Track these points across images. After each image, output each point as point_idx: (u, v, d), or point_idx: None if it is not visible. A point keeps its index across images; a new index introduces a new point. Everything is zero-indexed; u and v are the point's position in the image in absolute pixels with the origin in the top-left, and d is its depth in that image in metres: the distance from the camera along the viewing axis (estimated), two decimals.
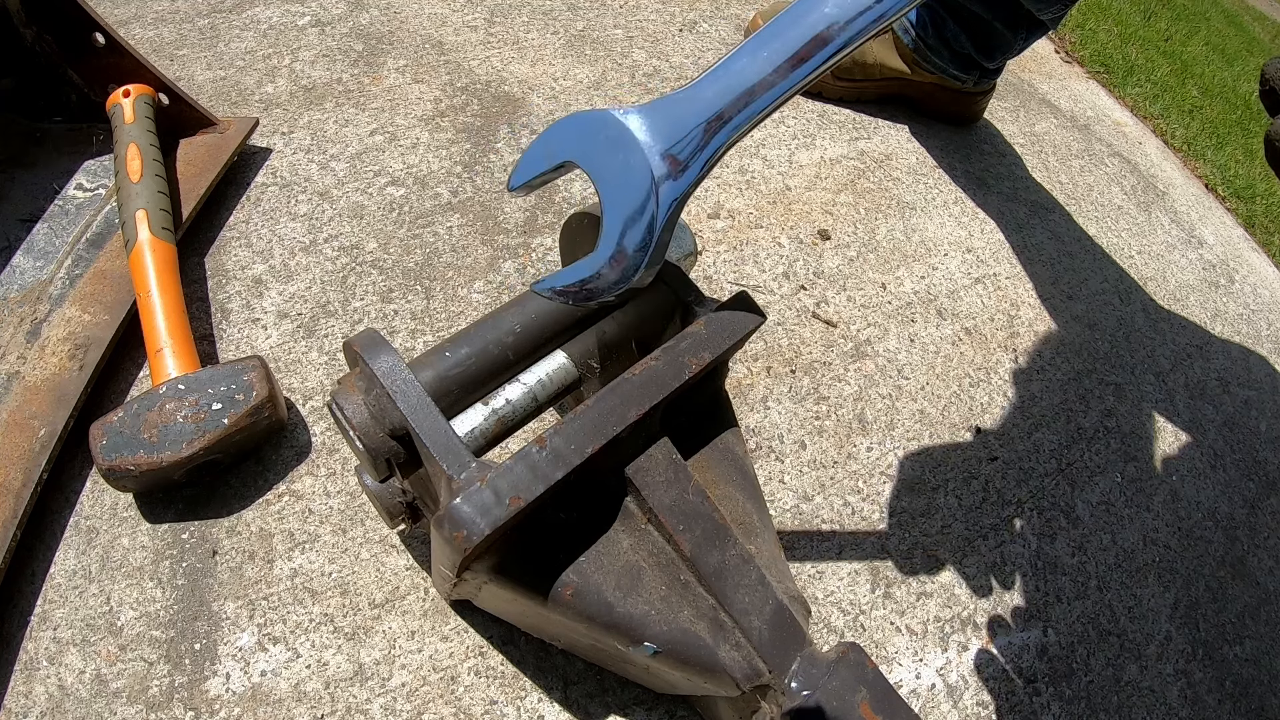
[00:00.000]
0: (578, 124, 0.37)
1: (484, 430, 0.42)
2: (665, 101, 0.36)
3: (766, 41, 0.35)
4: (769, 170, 0.85)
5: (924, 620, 0.56)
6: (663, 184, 0.36)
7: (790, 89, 0.35)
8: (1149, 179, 1.14)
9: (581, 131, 0.37)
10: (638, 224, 0.36)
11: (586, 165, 0.37)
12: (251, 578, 0.48)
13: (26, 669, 0.43)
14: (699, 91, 0.36)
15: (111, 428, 0.46)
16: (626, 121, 0.36)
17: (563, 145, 0.37)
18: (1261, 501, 0.78)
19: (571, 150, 0.37)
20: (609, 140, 0.36)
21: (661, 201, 0.36)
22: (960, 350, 0.75)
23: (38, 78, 0.63)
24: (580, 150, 0.37)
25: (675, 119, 0.36)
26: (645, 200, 0.36)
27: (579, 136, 0.37)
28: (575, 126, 0.37)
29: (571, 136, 0.37)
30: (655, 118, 0.36)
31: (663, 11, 1.04)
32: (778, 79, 0.35)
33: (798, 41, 0.35)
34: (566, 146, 0.37)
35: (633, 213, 0.36)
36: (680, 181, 0.36)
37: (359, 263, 0.65)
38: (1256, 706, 0.63)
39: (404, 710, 0.45)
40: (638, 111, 0.36)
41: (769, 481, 0.60)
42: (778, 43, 0.35)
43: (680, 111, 0.36)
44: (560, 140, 0.37)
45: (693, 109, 0.36)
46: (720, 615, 0.38)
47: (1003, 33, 0.88)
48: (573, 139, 0.37)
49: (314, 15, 0.89)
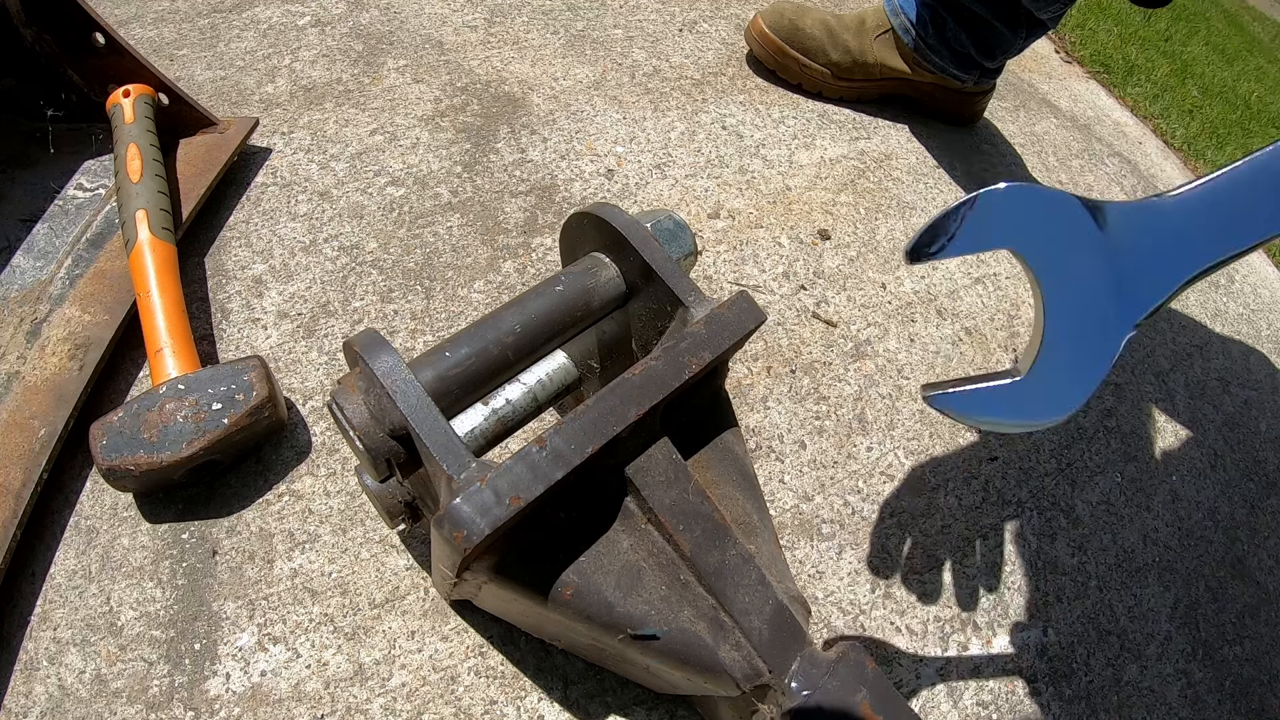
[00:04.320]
0: (1031, 202, 0.29)
1: (484, 430, 0.42)
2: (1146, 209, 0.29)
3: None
4: (769, 170, 0.85)
5: (924, 620, 0.56)
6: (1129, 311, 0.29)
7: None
8: (1149, 179, 1.13)
9: (1035, 214, 0.29)
10: (1088, 356, 0.29)
11: (1034, 262, 0.29)
12: (251, 578, 0.48)
13: (26, 669, 0.43)
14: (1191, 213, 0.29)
15: (111, 428, 0.46)
16: (1102, 221, 0.29)
17: (1005, 224, 0.29)
18: (1261, 501, 0.77)
19: (1016, 236, 0.29)
20: (1074, 240, 0.29)
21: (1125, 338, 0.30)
22: (960, 350, 0.75)
23: (38, 78, 0.63)
24: (1028, 239, 0.29)
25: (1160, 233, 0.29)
26: (1106, 329, 0.29)
27: (1030, 219, 0.29)
28: (1027, 204, 0.29)
29: (1019, 216, 0.29)
30: (1135, 226, 0.29)
31: (663, 11, 1.04)
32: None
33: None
34: (1010, 228, 0.29)
35: (1085, 341, 0.29)
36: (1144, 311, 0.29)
37: (359, 263, 0.65)
38: (1256, 706, 0.63)
39: (404, 710, 0.45)
40: (1114, 210, 0.29)
41: (769, 481, 0.60)
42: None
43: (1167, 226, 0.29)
44: (1004, 216, 0.29)
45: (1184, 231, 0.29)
46: (720, 615, 0.38)
47: (1002, 32, 0.88)
48: (1020, 220, 0.29)
49: (314, 15, 0.89)
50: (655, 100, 0.89)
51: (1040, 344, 0.29)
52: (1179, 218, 0.29)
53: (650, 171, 0.80)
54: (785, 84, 0.98)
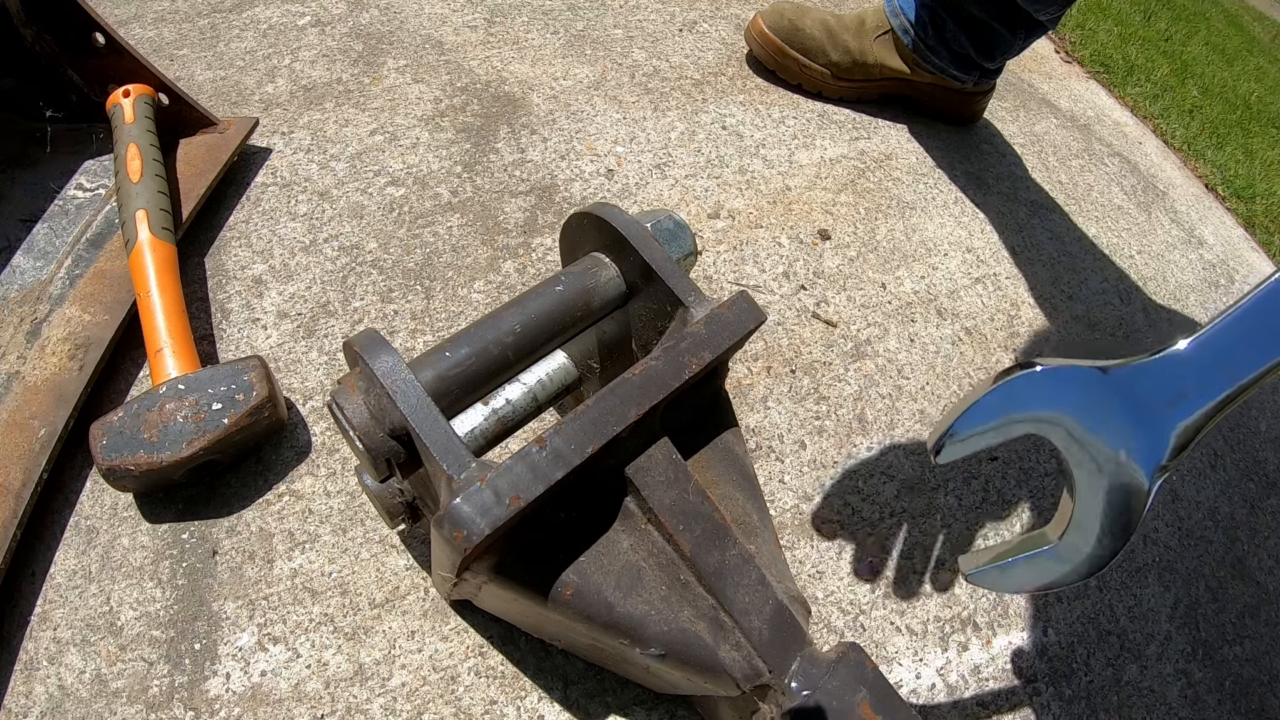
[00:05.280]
0: (1053, 382, 0.30)
1: (484, 430, 0.42)
2: (1156, 367, 0.31)
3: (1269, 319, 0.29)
4: (769, 170, 0.85)
5: (924, 620, 0.56)
6: (1157, 463, 0.30)
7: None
8: (1149, 179, 1.14)
9: (1059, 391, 0.30)
10: (1120, 512, 0.30)
11: (1057, 439, 0.31)
12: (251, 578, 0.48)
13: (26, 669, 0.43)
14: (1192, 363, 0.30)
15: (111, 428, 0.46)
16: (1120, 384, 0.30)
17: (1033, 404, 0.30)
18: (1261, 501, 0.77)
19: (1043, 413, 0.30)
20: (1087, 406, 0.30)
21: (1154, 484, 0.30)
22: (960, 350, 0.75)
23: (38, 78, 0.63)
24: (1053, 415, 0.30)
25: (1173, 389, 0.30)
26: (1138, 484, 0.30)
27: (1055, 397, 0.30)
28: (1050, 384, 0.30)
29: (1044, 396, 0.30)
30: (1148, 382, 0.30)
31: (663, 11, 1.04)
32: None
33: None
34: (1038, 406, 0.30)
35: (1120, 498, 0.30)
36: (1169, 455, 0.30)
37: (359, 263, 0.65)
38: (1256, 706, 0.63)
39: (404, 710, 0.45)
40: (1127, 373, 0.31)
41: (769, 481, 0.60)
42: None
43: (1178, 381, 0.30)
44: (1031, 398, 0.30)
45: (1193, 384, 0.30)
46: (720, 615, 0.38)
47: (1001, 33, 0.88)
48: (1046, 399, 0.30)
49: (314, 15, 0.89)
50: (655, 100, 0.89)
51: (1072, 512, 0.30)
52: (1181, 366, 0.30)
53: (650, 171, 0.80)
54: (785, 84, 0.98)
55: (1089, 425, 0.30)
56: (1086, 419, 0.30)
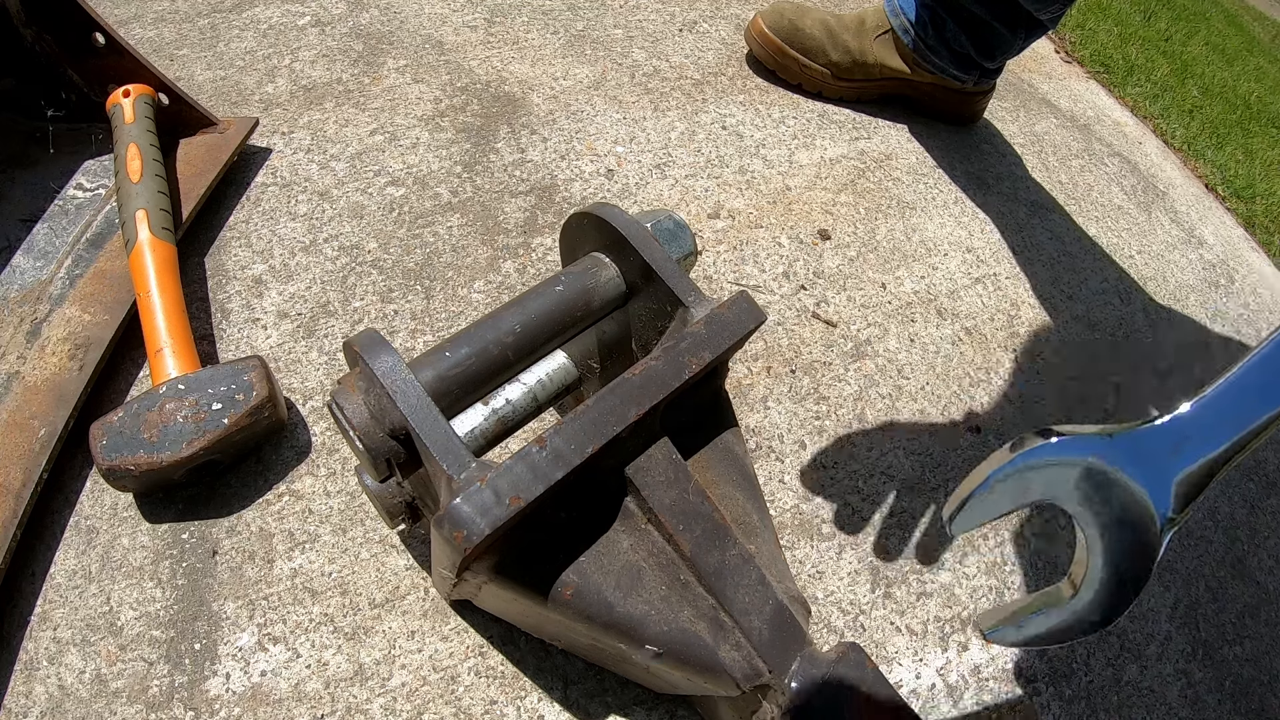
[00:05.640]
0: (1062, 453, 0.32)
1: (484, 430, 0.42)
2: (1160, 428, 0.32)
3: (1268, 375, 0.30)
4: (769, 170, 0.85)
5: (924, 620, 0.56)
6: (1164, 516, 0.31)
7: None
8: (1149, 179, 1.14)
9: (1068, 464, 0.32)
10: (1134, 568, 0.31)
11: (1068, 507, 0.32)
12: (251, 578, 0.48)
13: (26, 669, 0.43)
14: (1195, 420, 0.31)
15: (111, 428, 0.46)
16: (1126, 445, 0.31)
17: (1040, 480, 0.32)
18: (1261, 501, 0.77)
19: (1055, 487, 0.32)
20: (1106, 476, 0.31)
21: (1164, 538, 0.31)
22: (960, 350, 0.75)
23: (38, 78, 0.63)
24: (1064, 491, 0.32)
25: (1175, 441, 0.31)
26: (1148, 540, 0.31)
27: (1063, 475, 0.32)
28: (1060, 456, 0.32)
29: (1055, 470, 0.32)
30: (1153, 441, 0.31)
31: (663, 11, 1.04)
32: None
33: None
34: (1045, 484, 0.32)
35: (1130, 555, 0.31)
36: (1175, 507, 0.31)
37: (359, 263, 0.65)
38: (1256, 706, 0.63)
39: (404, 710, 0.45)
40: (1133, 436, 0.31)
41: (769, 481, 0.60)
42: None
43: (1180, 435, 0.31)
44: (1037, 474, 0.32)
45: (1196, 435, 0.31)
46: (720, 615, 0.38)
47: (1002, 33, 0.88)
48: (1056, 474, 0.32)
49: (314, 15, 0.89)
50: (655, 100, 0.89)
51: (1085, 570, 0.32)
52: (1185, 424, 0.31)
53: (650, 171, 0.80)
54: (785, 84, 0.98)
55: (1097, 489, 0.31)
56: (1094, 484, 0.31)
